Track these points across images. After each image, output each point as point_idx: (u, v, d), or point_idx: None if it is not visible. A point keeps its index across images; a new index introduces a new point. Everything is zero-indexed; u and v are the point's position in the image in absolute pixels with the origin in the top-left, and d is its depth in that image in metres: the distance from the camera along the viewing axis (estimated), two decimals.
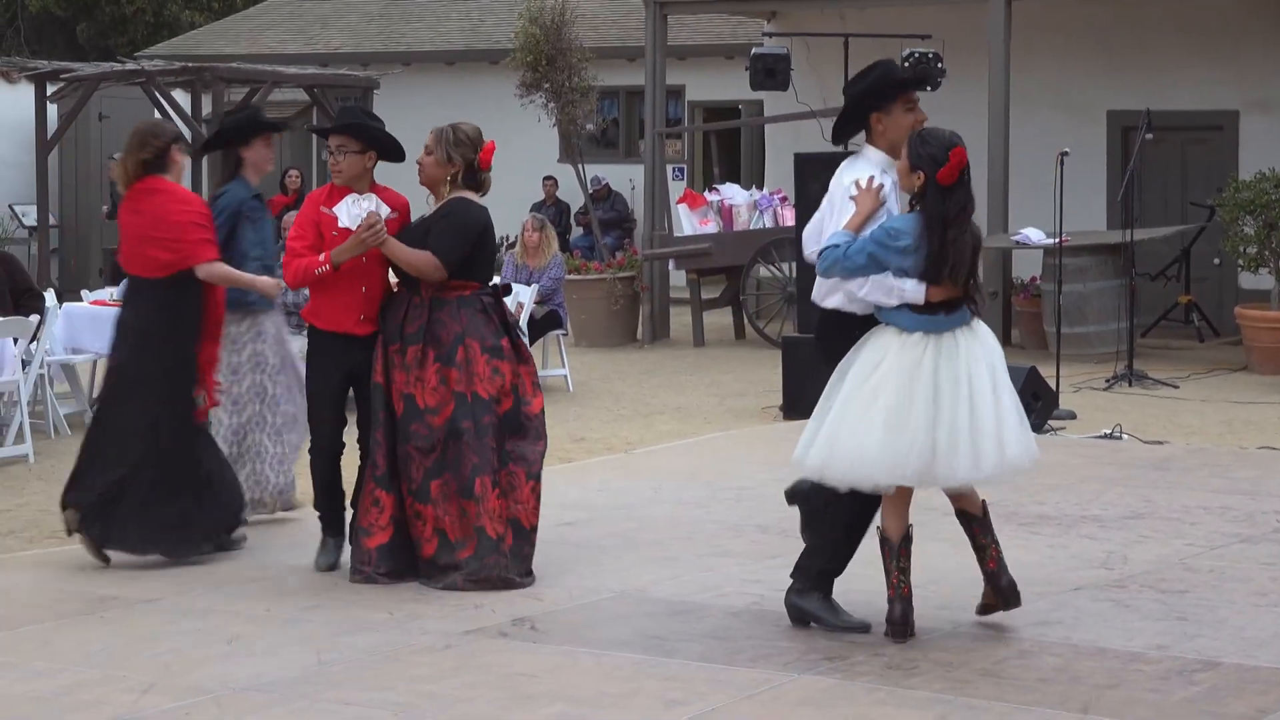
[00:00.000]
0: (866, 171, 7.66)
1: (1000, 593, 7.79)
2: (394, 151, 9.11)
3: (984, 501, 7.82)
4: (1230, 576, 8.88)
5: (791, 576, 7.91)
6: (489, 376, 8.64)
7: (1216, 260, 19.60)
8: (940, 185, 7.45)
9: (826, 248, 7.56)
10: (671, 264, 20.49)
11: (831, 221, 7.67)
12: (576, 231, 26.66)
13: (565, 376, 16.54)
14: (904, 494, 7.63)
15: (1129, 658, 7.36)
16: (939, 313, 7.52)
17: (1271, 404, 15.27)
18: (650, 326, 20.44)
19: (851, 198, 7.61)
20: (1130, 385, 16.08)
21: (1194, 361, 17.95)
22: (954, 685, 6.98)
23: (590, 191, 23.98)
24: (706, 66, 26.61)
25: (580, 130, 22.20)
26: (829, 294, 7.73)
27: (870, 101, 7.77)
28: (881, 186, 7.61)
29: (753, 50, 18.79)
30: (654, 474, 11.86)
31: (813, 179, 14.67)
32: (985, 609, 7.89)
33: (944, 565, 8.81)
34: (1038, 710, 6.69)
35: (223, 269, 9.40)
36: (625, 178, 26.57)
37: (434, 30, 29.97)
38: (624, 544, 9.69)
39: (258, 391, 10.13)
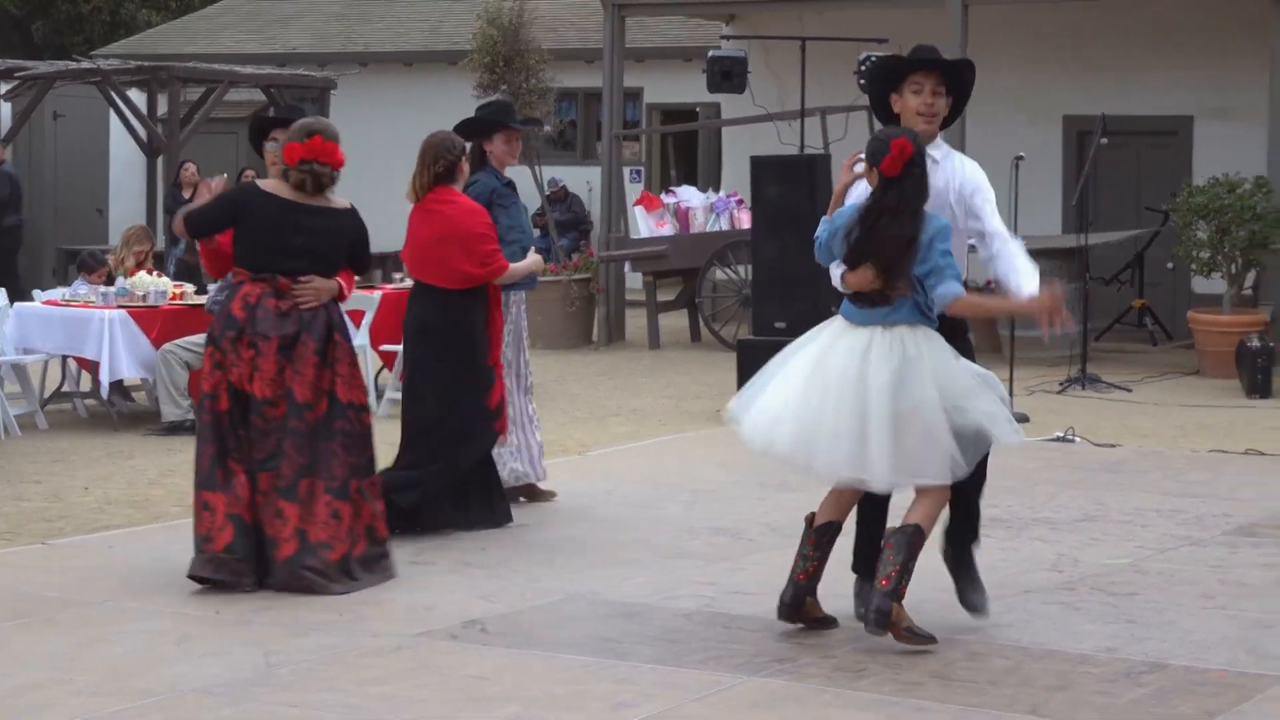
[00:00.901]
0: None
1: (865, 614, 7.60)
2: None
3: (916, 525, 7.50)
4: (1179, 579, 8.93)
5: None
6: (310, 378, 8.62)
7: (1170, 265, 19.70)
8: (885, 176, 7.48)
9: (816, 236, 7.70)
10: (628, 266, 20.51)
11: None
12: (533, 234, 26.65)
13: None
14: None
15: (1078, 660, 7.40)
16: (861, 305, 7.52)
17: (1223, 407, 15.36)
18: (606, 328, 20.46)
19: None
20: (1083, 388, 16.16)
21: (1147, 365, 18.05)
22: (903, 688, 7.01)
23: (547, 193, 23.98)
24: (664, 69, 26.64)
25: (538, 132, 22.20)
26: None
27: (881, 88, 7.84)
28: (859, 163, 7.63)
29: (710, 53, 18.82)
30: (608, 476, 11.88)
31: (769, 182, 14.76)
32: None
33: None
34: (986, 712, 6.71)
35: (512, 268, 10.13)
36: (582, 180, 26.58)
37: (392, 31, 29.94)
38: (577, 546, 9.70)
39: (509, 364, 10.72)
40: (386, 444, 9.81)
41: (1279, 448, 13.20)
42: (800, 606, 7.72)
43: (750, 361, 14.15)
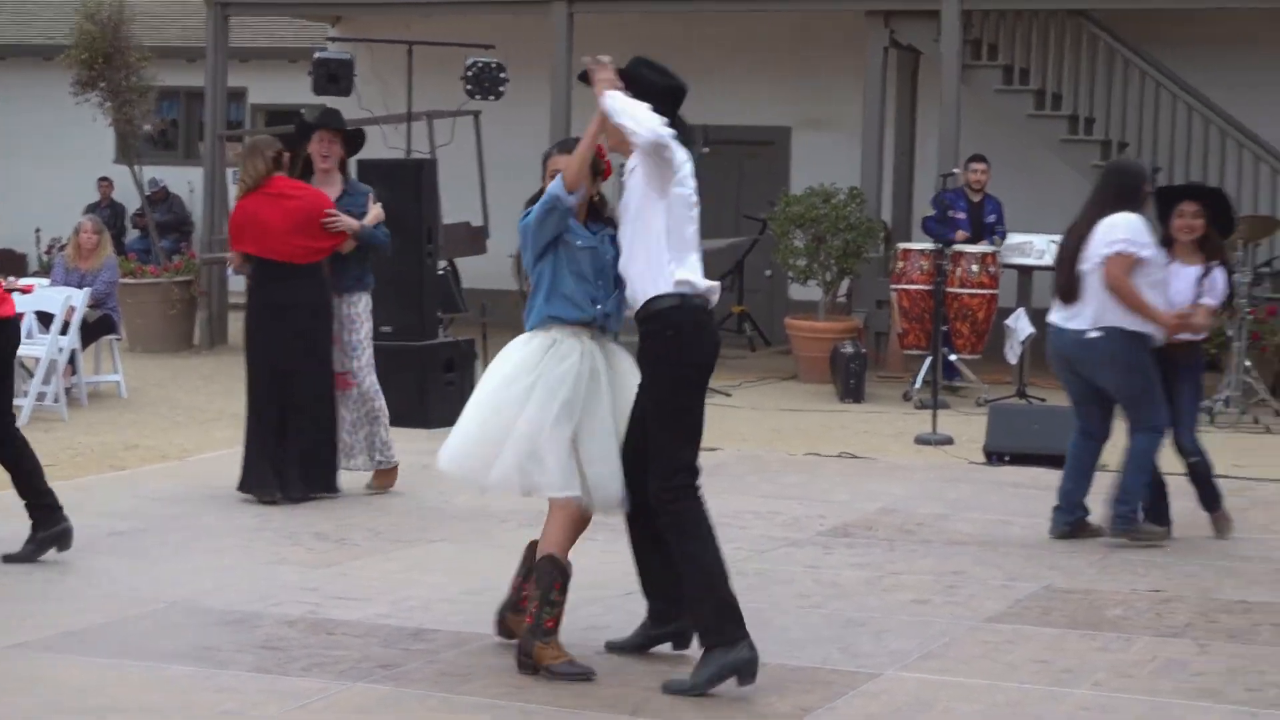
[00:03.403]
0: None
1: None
2: None
3: (548, 555, 7.34)
4: (776, 579, 9.17)
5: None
6: None
7: (768, 272, 20.19)
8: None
9: None
10: (230, 269, 20.23)
11: None
12: (132, 234, 26.13)
13: (119, 382, 16.20)
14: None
15: (677, 660, 7.53)
16: None
17: (818, 411, 15.80)
18: (208, 332, 20.17)
19: None
20: None
21: (746, 370, 18.46)
22: (508, 691, 7.06)
23: (148, 193, 23.53)
24: (269, 69, 26.33)
25: (138, 131, 21.77)
26: None
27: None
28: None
29: (316, 54, 18.67)
30: (210, 482, 11.71)
31: (376, 186, 14.63)
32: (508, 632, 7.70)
33: (499, 571, 8.91)
34: (589, 714, 6.80)
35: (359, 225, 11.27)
36: (184, 180, 26.13)
37: None
38: (177, 553, 9.56)
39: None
40: None
41: (871, 450, 13.64)
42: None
43: None
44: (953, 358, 16.82)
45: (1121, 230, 9.98)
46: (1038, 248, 17.19)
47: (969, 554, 9.87)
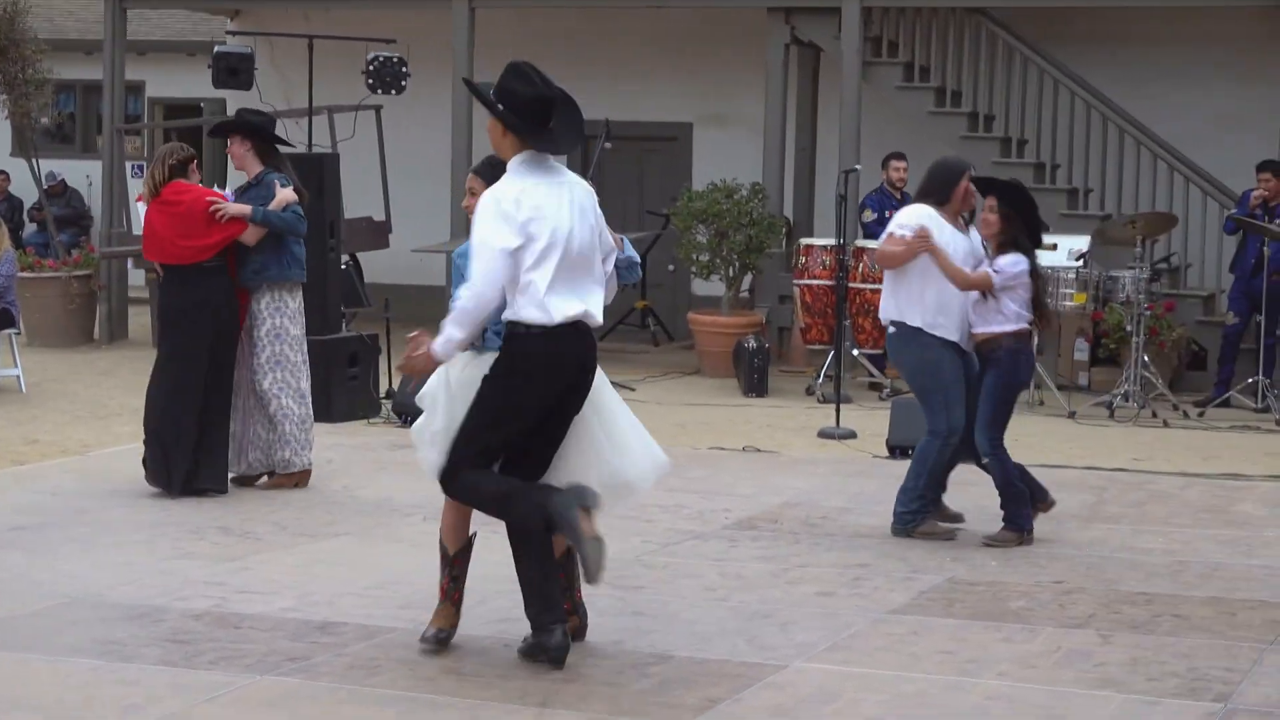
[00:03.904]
0: None
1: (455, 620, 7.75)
2: None
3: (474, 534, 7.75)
4: (683, 572, 9.20)
5: None
6: None
7: (671, 267, 20.21)
8: None
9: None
10: (130, 263, 20.09)
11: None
12: (30, 228, 25.89)
13: (18, 377, 16.06)
14: None
15: (586, 653, 7.56)
16: None
17: (721, 405, 15.85)
18: (108, 326, 20.01)
19: None
20: None
21: (649, 365, 18.49)
22: (417, 683, 7.06)
23: (45, 187, 23.31)
24: (167, 62, 26.13)
25: (34, 124, 21.55)
26: None
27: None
28: None
29: (215, 48, 18.55)
30: (111, 477, 11.61)
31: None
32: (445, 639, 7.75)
33: (404, 565, 8.92)
34: (498, 705, 6.82)
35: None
36: (82, 174, 25.91)
37: None
38: (80, 548, 9.49)
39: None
40: None
41: (775, 445, 13.70)
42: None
43: None
44: (855, 352, 16.91)
45: (903, 216, 10.20)
46: None
47: (873, 547, 9.93)
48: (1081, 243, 16.50)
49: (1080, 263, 16.17)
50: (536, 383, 7.25)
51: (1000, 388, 10.04)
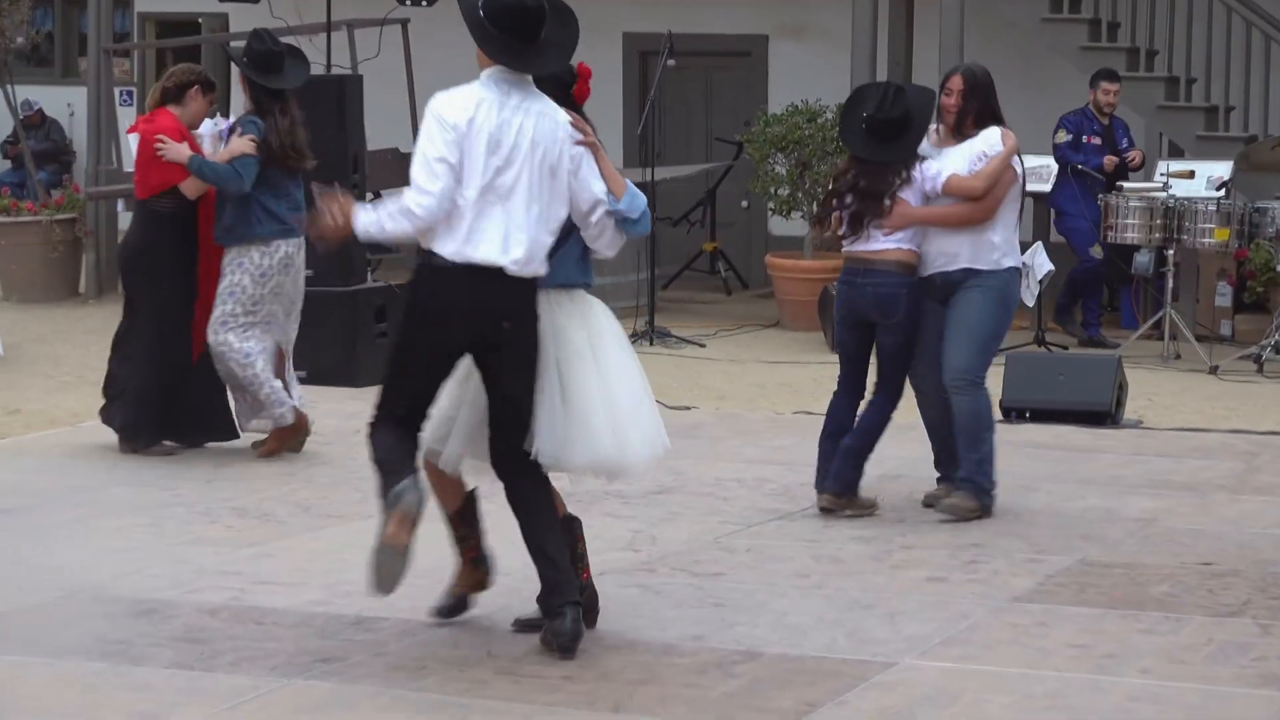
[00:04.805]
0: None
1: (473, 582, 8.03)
2: None
3: (474, 489, 7.99)
4: (769, 556, 9.22)
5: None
6: None
7: (745, 203, 20.18)
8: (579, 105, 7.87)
9: (645, 205, 7.74)
10: (120, 205, 20.14)
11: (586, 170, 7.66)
12: (3, 165, 26.01)
13: None
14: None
15: (662, 650, 7.59)
16: None
17: (806, 363, 15.81)
18: (96, 278, 20.06)
19: (581, 143, 7.67)
20: (652, 344, 16.47)
21: (721, 317, 18.48)
22: (470, 686, 7.10)
23: (21, 118, 23.39)
24: None
25: (9, 45, 21.62)
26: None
27: None
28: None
29: None
30: (108, 452, 11.68)
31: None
32: (455, 608, 8.02)
33: (447, 548, 8.94)
34: (564, 711, 6.85)
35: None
36: (63, 102, 25.99)
37: None
38: (76, 533, 9.56)
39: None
40: None
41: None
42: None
43: None
44: None
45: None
46: (1055, 173, 17.24)
47: (988, 525, 9.93)
48: (1223, 169, 16.43)
49: (1222, 193, 16.10)
50: (428, 329, 7.51)
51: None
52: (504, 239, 7.43)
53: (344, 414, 12.12)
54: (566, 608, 7.47)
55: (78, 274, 20.04)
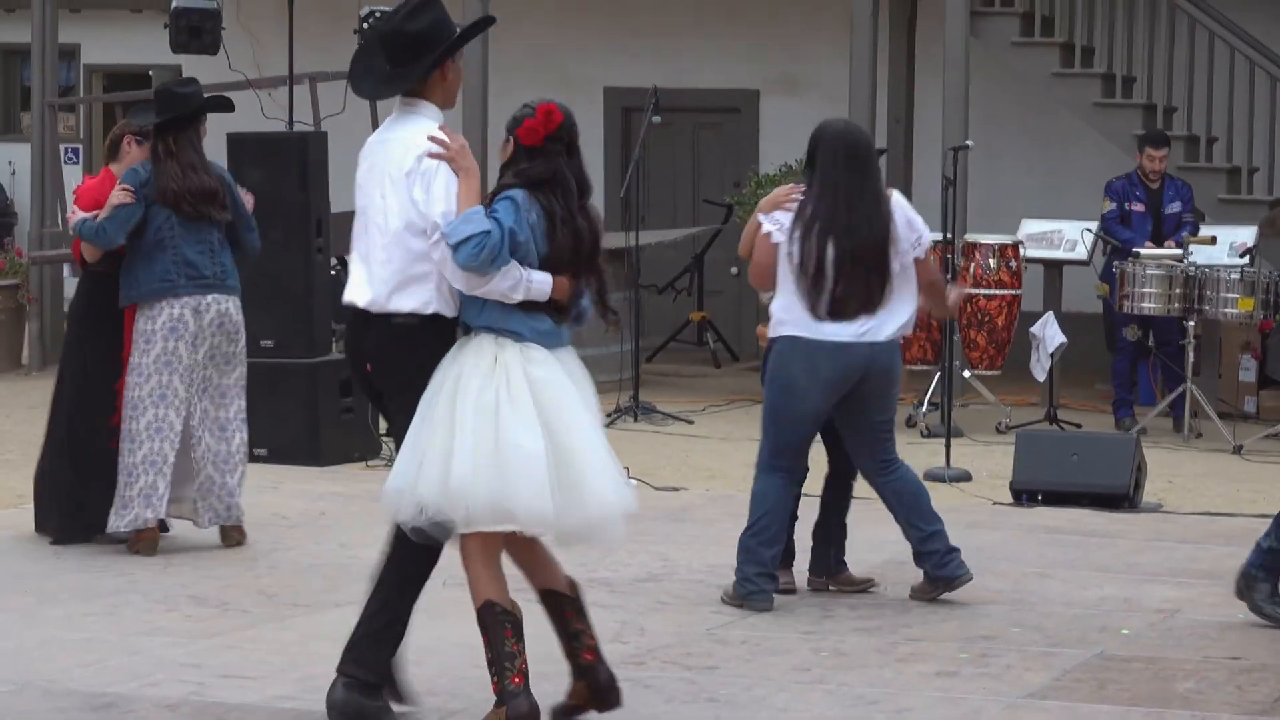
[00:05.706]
0: (434, 125, 7.76)
1: (600, 691, 7.81)
2: None
3: (571, 578, 7.88)
4: (766, 648, 9.23)
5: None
6: None
7: (734, 270, 20.22)
8: (526, 148, 7.67)
9: (475, 234, 7.36)
10: (66, 269, 20.18)
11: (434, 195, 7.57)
12: None
13: None
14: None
15: None
16: (559, 320, 7.67)
17: None
18: (40, 349, 20.08)
19: (438, 157, 7.61)
20: (636, 420, 16.49)
21: (710, 391, 18.49)
22: None
23: None
24: (107, 22, 26.22)
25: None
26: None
27: (455, 45, 7.96)
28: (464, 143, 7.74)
29: (174, 3, 18.65)
30: None
31: (251, 164, 14.65)
32: (572, 711, 7.88)
33: (424, 640, 8.96)
34: None
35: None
36: (3, 160, 26.06)
37: None
38: (23, 622, 9.57)
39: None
40: None
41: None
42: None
43: None
44: (967, 374, 16.89)
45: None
46: (1068, 237, 17.27)
47: (1001, 614, 9.96)
48: (1246, 235, 16.50)
49: (1245, 260, 16.18)
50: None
51: None
52: (365, 278, 7.66)
53: (311, 494, 12.15)
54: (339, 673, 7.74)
55: (20, 344, 20.05)
